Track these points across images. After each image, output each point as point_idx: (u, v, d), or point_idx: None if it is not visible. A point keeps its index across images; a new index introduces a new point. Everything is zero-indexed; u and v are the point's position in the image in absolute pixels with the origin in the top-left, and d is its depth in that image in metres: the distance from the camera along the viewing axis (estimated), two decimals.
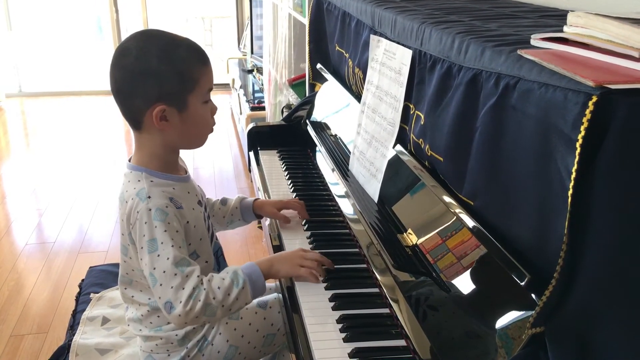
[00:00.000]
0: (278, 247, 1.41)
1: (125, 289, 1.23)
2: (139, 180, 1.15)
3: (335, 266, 1.26)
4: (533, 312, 0.72)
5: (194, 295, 1.08)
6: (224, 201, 1.47)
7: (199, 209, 1.22)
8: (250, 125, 2.09)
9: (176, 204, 1.15)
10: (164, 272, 1.09)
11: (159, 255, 1.10)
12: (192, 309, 1.08)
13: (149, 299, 1.20)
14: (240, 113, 4.19)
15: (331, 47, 1.94)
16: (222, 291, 1.11)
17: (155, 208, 1.11)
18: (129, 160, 1.20)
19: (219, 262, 1.28)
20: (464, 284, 0.93)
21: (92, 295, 1.51)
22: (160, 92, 1.10)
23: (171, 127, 1.14)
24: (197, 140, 1.20)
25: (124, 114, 1.16)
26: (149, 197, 1.12)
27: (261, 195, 1.70)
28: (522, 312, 0.78)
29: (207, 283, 1.11)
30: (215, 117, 1.21)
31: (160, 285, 1.09)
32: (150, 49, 1.10)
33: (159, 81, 1.10)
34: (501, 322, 0.81)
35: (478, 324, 0.88)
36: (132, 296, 1.22)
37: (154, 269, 1.10)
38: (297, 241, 1.42)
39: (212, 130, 1.21)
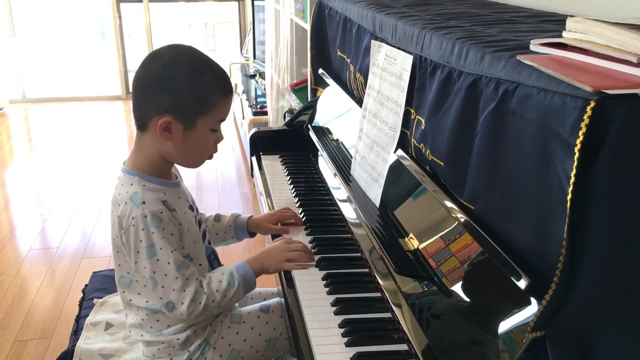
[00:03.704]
0: None
1: (124, 292, 1.24)
2: (131, 184, 1.17)
3: (338, 271, 1.27)
4: (533, 316, 0.72)
5: (196, 299, 1.15)
6: (217, 218, 1.48)
7: (190, 214, 1.24)
8: (253, 130, 2.10)
9: (169, 207, 1.17)
10: (166, 275, 1.13)
11: (158, 260, 1.13)
12: (194, 311, 1.15)
13: (147, 302, 1.22)
14: (243, 118, 4.20)
15: (333, 52, 1.95)
16: (221, 293, 1.18)
17: (151, 214, 1.13)
18: (123, 164, 1.22)
19: (213, 266, 1.29)
20: (465, 288, 0.93)
21: (95, 300, 1.52)
22: (173, 104, 1.13)
23: (172, 141, 1.16)
24: (191, 161, 1.23)
25: (134, 112, 1.19)
26: (144, 202, 1.14)
27: (263, 200, 1.71)
28: (523, 316, 0.78)
29: (207, 287, 1.17)
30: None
31: (162, 287, 1.14)
32: (180, 62, 1.14)
33: (174, 94, 1.13)
34: (502, 326, 0.81)
35: (479, 328, 0.88)
36: (130, 300, 1.24)
37: (154, 272, 1.13)
38: None
39: (210, 157, 1.23)
